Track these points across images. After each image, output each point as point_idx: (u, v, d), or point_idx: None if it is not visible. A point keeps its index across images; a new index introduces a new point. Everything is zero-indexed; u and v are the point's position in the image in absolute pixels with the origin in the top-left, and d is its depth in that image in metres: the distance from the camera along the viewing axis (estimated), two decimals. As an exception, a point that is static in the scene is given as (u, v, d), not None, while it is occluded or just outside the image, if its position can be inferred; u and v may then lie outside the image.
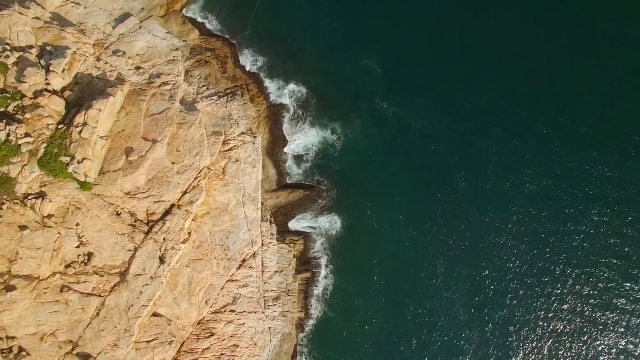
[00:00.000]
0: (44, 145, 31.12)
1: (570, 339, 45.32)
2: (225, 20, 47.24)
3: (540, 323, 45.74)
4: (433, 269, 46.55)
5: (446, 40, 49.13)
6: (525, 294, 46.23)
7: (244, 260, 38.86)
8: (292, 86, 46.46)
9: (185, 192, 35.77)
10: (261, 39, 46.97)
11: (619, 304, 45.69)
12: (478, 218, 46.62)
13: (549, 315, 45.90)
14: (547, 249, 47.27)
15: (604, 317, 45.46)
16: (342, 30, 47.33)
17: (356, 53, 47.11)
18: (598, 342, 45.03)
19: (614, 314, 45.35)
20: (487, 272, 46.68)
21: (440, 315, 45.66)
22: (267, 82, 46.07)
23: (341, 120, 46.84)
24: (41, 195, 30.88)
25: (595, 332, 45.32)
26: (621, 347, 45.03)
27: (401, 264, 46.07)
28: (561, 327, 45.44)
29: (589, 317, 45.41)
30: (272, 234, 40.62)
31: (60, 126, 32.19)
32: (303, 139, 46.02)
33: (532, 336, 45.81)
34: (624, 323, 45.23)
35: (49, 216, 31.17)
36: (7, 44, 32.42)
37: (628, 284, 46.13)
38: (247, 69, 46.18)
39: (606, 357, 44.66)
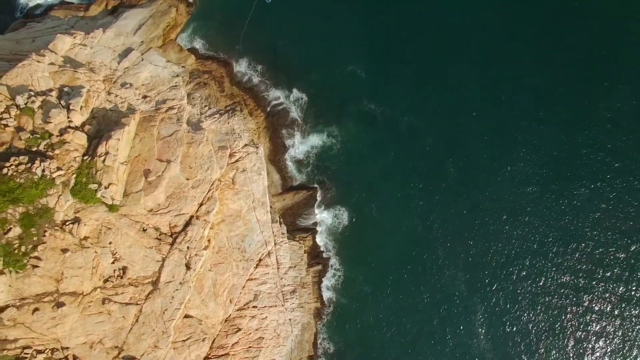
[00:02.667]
0: (74, 176, 34.91)
1: (568, 308, 49.43)
2: (216, 42, 50.66)
3: (539, 292, 49.61)
4: (434, 251, 50.32)
5: (418, 41, 52.92)
6: (522, 266, 50.04)
7: (260, 260, 42.79)
8: (285, 96, 50.26)
9: (201, 204, 39.66)
10: (252, 55, 50.45)
11: (615, 276, 49.53)
12: (469, 200, 50.51)
13: (547, 285, 49.84)
14: (538, 223, 51.09)
15: (600, 287, 49.35)
16: (324, 41, 50.94)
17: (340, 61, 50.93)
18: (596, 309, 49.02)
19: (611, 286, 49.16)
20: (483, 249, 50.42)
21: (444, 292, 49.42)
22: (263, 95, 49.84)
23: (334, 124, 50.56)
24: (76, 220, 34.74)
25: (592, 302, 49.15)
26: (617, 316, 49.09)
27: (404, 250, 49.83)
28: (559, 297, 49.45)
29: (586, 287, 49.42)
30: (283, 234, 44.58)
31: (85, 157, 36.03)
32: (301, 145, 49.83)
33: (532, 306, 49.70)
34: (618, 295, 49.12)
35: (85, 238, 35.01)
36: (30, 90, 36.27)
37: (622, 255, 50.02)
38: (243, 85, 50.03)
39: (605, 324, 48.67)
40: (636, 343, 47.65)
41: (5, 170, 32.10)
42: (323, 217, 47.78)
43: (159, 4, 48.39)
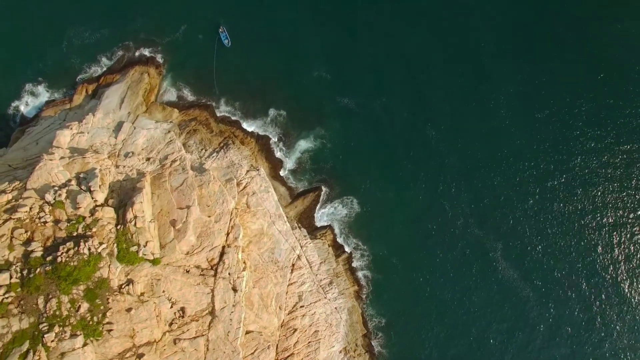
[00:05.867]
0: (115, 245, 39.70)
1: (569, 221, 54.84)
2: (193, 90, 55.08)
3: (542, 216, 55.29)
4: (441, 208, 55.33)
5: (366, 33, 57.75)
6: (521, 199, 55.62)
7: (293, 265, 47.60)
8: (268, 117, 54.88)
9: (228, 234, 44.40)
10: (227, 92, 55.02)
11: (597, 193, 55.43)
12: (456, 154, 55.65)
13: (547, 207, 55.42)
14: (522, 161, 56.63)
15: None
16: (285, 61, 55.73)
17: (304, 71, 55.66)
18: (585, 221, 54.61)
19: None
20: (483, 192, 55.64)
21: (462, 240, 54.47)
22: (247, 124, 54.48)
23: (318, 126, 55.23)
24: (129, 281, 39.48)
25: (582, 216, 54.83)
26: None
27: (415, 216, 54.94)
28: (559, 217, 55.28)
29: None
30: (304, 236, 49.38)
31: (118, 227, 40.79)
32: (294, 154, 54.53)
33: (540, 228, 55.08)
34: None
35: (142, 294, 39.77)
36: (53, 186, 41.03)
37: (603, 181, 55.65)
38: (227, 120, 54.53)
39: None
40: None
41: (59, 259, 36.84)
42: (335, 210, 52.50)
43: (132, 75, 53.06)
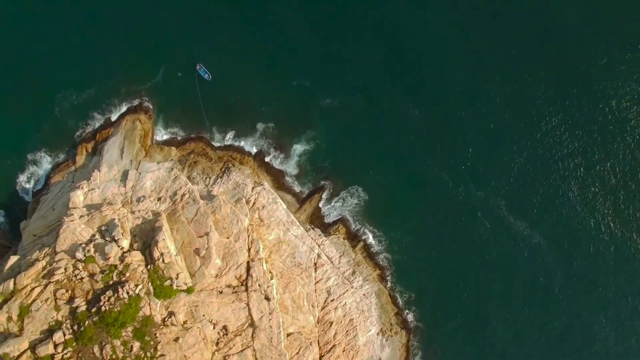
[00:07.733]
0: (150, 283, 42.63)
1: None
2: (185, 125, 57.56)
3: (529, 171, 58.88)
4: (441, 179, 58.14)
5: (339, 38, 60.67)
6: (505, 158, 58.95)
7: (315, 264, 50.51)
8: (259, 133, 57.61)
9: (249, 249, 47.29)
10: (217, 121, 57.51)
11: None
12: (440, 127, 58.42)
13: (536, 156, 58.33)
14: (507, 117, 59.79)
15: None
16: (264, 80, 58.13)
17: (284, 83, 58.26)
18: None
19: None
20: (477, 156, 58.58)
21: (466, 204, 57.34)
22: (242, 144, 57.30)
23: (308, 129, 57.89)
24: (171, 313, 42.37)
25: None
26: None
27: (418, 192, 57.81)
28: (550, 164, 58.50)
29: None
30: (319, 235, 52.28)
31: (148, 267, 43.70)
32: (292, 160, 57.25)
33: (530, 183, 58.46)
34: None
35: (185, 322, 42.69)
36: (80, 243, 43.99)
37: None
38: (223, 146, 57.25)
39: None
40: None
41: (103, 308, 39.76)
42: (344, 202, 55.33)
43: (125, 125, 55.77)
